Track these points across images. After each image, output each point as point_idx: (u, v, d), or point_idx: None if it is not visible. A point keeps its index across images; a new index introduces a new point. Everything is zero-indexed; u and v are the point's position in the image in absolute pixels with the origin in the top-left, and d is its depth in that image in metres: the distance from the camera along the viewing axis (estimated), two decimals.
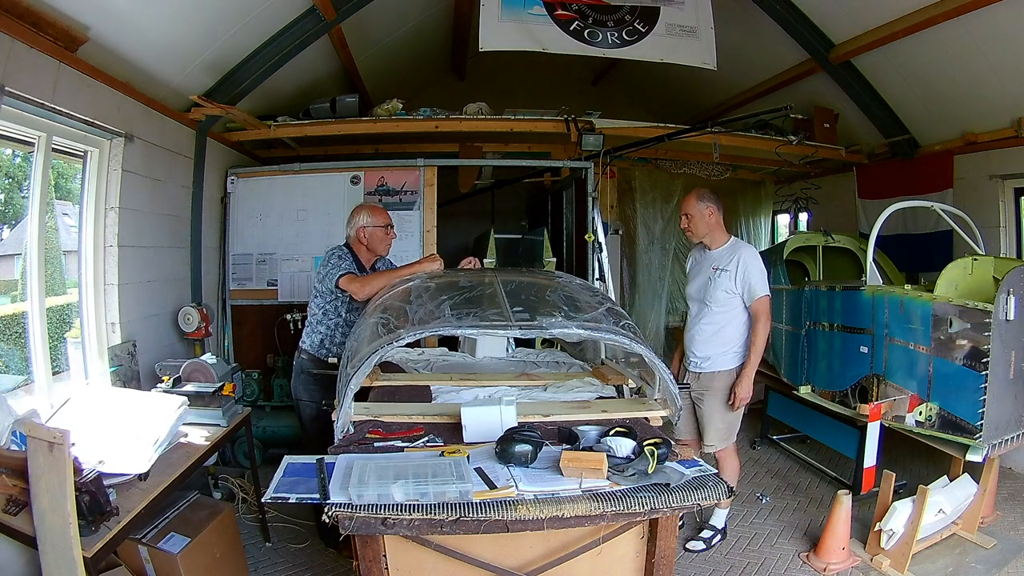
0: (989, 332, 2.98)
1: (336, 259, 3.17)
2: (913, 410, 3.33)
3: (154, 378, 3.59)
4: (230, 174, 4.94)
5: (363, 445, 2.18)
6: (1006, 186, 4.55)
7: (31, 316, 2.95)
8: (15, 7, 2.54)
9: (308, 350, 3.26)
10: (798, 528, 3.60)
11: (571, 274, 4.22)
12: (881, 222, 3.77)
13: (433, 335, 2.92)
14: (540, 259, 5.32)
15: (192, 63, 3.88)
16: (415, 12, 5.68)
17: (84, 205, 3.44)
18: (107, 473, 2.17)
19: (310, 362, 3.24)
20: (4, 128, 2.78)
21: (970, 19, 3.80)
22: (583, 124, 4.89)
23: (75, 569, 1.90)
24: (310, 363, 3.24)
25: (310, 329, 3.28)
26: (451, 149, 5.80)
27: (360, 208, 3.34)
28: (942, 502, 3.12)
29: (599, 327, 2.33)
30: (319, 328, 3.25)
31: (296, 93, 5.13)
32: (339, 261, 3.16)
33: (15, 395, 2.85)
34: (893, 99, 5.05)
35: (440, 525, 1.73)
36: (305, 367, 3.24)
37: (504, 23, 4.41)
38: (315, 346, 3.24)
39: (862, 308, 3.75)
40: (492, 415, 2.24)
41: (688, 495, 1.85)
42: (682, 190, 6.98)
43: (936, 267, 3.64)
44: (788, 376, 4.43)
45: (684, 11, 4.65)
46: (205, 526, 2.72)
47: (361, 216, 3.28)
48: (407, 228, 4.96)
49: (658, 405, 2.57)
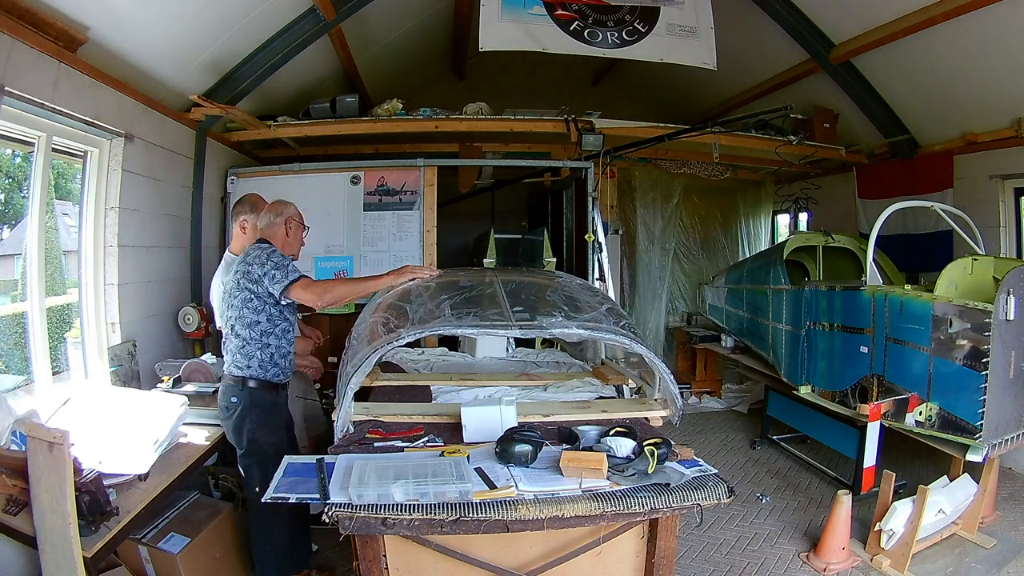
0: (989, 332, 2.98)
1: (278, 258, 2.62)
2: (913, 410, 3.33)
3: (154, 378, 3.59)
4: (230, 174, 4.94)
5: (363, 445, 2.19)
6: (1006, 186, 4.55)
7: (31, 316, 2.95)
8: (15, 7, 2.54)
9: (257, 376, 2.63)
10: (798, 528, 3.60)
11: (571, 274, 4.22)
12: (881, 222, 3.77)
13: (433, 335, 2.92)
14: (540, 259, 5.32)
15: (192, 63, 3.88)
16: (415, 12, 5.68)
17: (84, 205, 3.45)
18: (107, 473, 2.18)
19: (263, 390, 2.65)
20: (4, 128, 2.78)
21: (970, 19, 3.80)
22: (583, 124, 4.89)
23: (75, 569, 1.90)
24: (263, 391, 2.65)
25: (247, 348, 2.62)
26: (451, 149, 5.80)
27: (277, 201, 2.86)
28: (942, 502, 3.12)
29: (599, 327, 2.33)
30: (265, 342, 2.64)
31: (296, 93, 5.13)
32: (282, 260, 2.63)
33: (15, 395, 2.85)
34: (893, 99, 5.05)
35: (440, 525, 1.73)
36: (258, 400, 2.64)
37: (504, 23, 4.41)
38: (264, 366, 2.64)
39: (862, 308, 3.75)
40: (492, 415, 2.24)
41: (688, 495, 1.86)
42: (682, 190, 7.00)
43: (936, 267, 3.64)
44: (788, 376, 4.43)
45: (684, 11, 4.65)
46: (205, 526, 2.73)
47: (288, 208, 2.83)
48: (407, 228, 4.96)
49: (658, 405, 2.57)
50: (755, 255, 5.95)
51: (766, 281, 4.76)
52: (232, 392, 2.65)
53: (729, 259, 7.39)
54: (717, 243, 7.67)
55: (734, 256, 7.47)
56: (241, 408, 2.63)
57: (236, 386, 2.64)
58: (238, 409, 2.63)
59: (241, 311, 2.63)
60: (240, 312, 2.63)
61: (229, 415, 2.65)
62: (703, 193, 7.43)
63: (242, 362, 2.63)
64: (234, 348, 2.65)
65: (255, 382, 2.64)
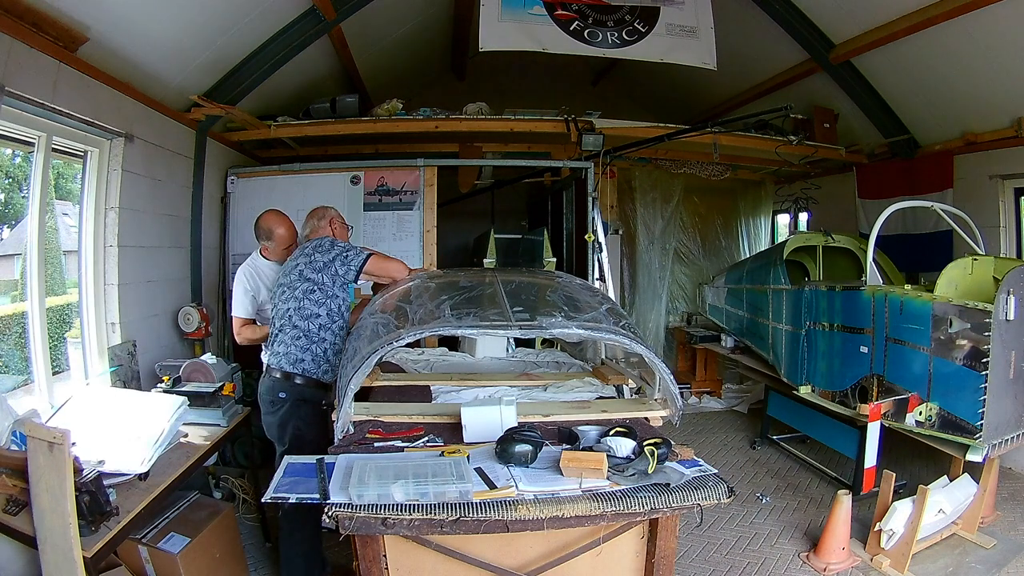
0: (989, 332, 2.98)
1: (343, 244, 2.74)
2: (913, 410, 3.33)
3: (154, 378, 3.59)
4: (230, 174, 4.94)
5: (363, 445, 2.18)
6: (1006, 186, 4.55)
7: (31, 316, 2.95)
8: (15, 7, 2.54)
9: (308, 372, 2.61)
10: (798, 528, 3.60)
11: (571, 274, 4.22)
12: (881, 222, 3.77)
13: (433, 335, 2.91)
14: (540, 259, 5.32)
15: (192, 63, 3.88)
16: (415, 12, 5.68)
17: (84, 205, 3.44)
18: (107, 473, 2.18)
19: (312, 387, 2.63)
20: (4, 128, 2.78)
21: (970, 19, 3.80)
22: (583, 124, 4.89)
23: (75, 569, 1.90)
24: (312, 388, 2.63)
25: (303, 341, 2.61)
26: (451, 149, 5.81)
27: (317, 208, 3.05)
28: (942, 502, 3.12)
29: (599, 327, 2.33)
30: (322, 336, 2.62)
31: (296, 93, 5.13)
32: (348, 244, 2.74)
33: (15, 395, 2.85)
34: (893, 99, 5.05)
35: (440, 525, 1.73)
36: (308, 396, 2.62)
37: (504, 23, 4.42)
38: (317, 360, 2.62)
39: (862, 308, 3.75)
40: (492, 415, 2.24)
41: (688, 495, 1.85)
42: (682, 190, 7.00)
43: (936, 267, 3.64)
44: (788, 376, 4.43)
45: (684, 11, 4.66)
46: (205, 526, 2.73)
47: (329, 211, 3.03)
48: (407, 228, 4.96)
49: (658, 405, 2.57)
50: (755, 255, 5.95)
51: (766, 281, 4.76)
52: (280, 387, 2.62)
53: (729, 259, 7.39)
54: (717, 243, 7.67)
55: (734, 256, 7.47)
56: (289, 404, 2.62)
57: (285, 381, 2.62)
58: (286, 405, 2.62)
59: (302, 302, 2.62)
60: (300, 304, 2.62)
61: (275, 410, 2.63)
62: (703, 193, 7.43)
63: (296, 354, 2.61)
64: (289, 339, 2.63)
65: (302, 379, 2.63)
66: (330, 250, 2.68)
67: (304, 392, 2.64)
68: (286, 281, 2.72)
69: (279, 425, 2.65)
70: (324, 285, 2.64)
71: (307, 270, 2.65)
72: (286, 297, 2.69)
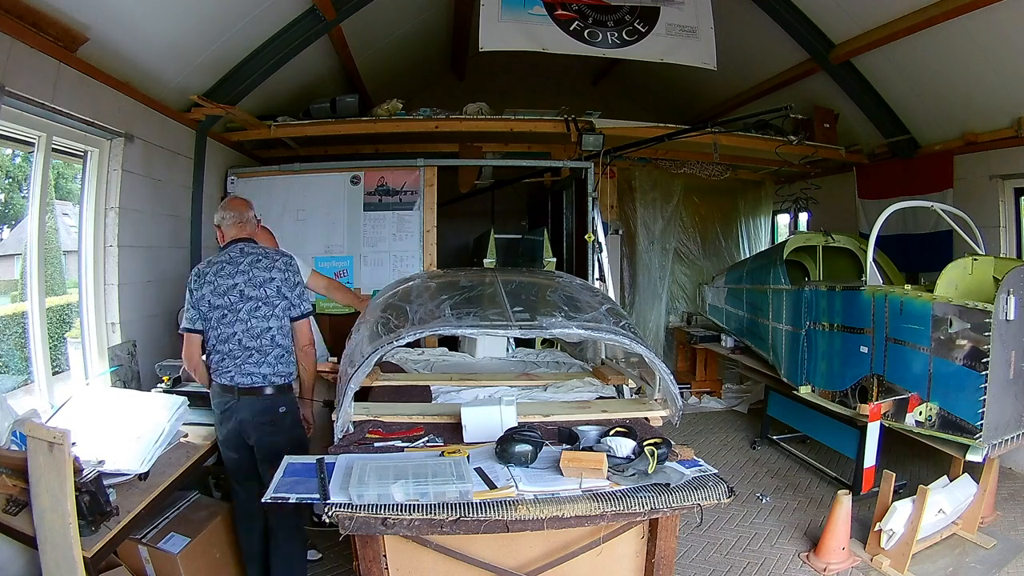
0: (989, 332, 2.98)
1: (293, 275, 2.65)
2: (913, 410, 3.33)
3: (154, 378, 3.58)
4: (230, 174, 4.93)
5: (363, 445, 2.19)
6: (1006, 186, 4.55)
7: (31, 316, 2.95)
8: (15, 7, 2.54)
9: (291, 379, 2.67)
10: (798, 528, 3.60)
11: (571, 274, 4.22)
12: (881, 222, 3.77)
13: (433, 335, 2.92)
14: (540, 259, 5.32)
15: (192, 63, 3.88)
16: (415, 12, 5.68)
17: (84, 205, 3.44)
18: (107, 473, 2.18)
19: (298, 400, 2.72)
20: (4, 128, 2.78)
21: (970, 19, 3.80)
22: (583, 124, 4.89)
23: (75, 569, 1.90)
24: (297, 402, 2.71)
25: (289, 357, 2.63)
26: (451, 149, 5.81)
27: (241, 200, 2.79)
28: (942, 502, 3.12)
29: (599, 327, 2.34)
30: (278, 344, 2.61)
31: (296, 93, 5.13)
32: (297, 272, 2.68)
33: (15, 395, 2.85)
34: (893, 99, 5.05)
35: (440, 525, 1.73)
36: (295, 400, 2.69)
37: (504, 23, 4.42)
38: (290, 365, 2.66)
39: (862, 308, 3.75)
40: (492, 415, 2.24)
41: (688, 495, 1.86)
42: (682, 190, 7.00)
43: (936, 267, 3.64)
44: (788, 376, 4.43)
45: (684, 11, 4.66)
46: (205, 526, 2.72)
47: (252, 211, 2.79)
48: (407, 228, 4.97)
49: (658, 405, 2.57)
50: (755, 255, 5.95)
51: (766, 281, 4.76)
52: (280, 402, 2.59)
53: (729, 259, 7.39)
54: (717, 243, 7.66)
55: (734, 256, 7.47)
56: (292, 415, 2.65)
57: (282, 395, 2.61)
58: (290, 417, 2.63)
59: (283, 320, 2.60)
60: (282, 322, 2.60)
61: (278, 426, 2.57)
62: (703, 193, 7.43)
63: (284, 371, 2.62)
64: (273, 359, 2.58)
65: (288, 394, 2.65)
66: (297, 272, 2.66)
67: (293, 403, 2.66)
68: (262, 295, 2.57)
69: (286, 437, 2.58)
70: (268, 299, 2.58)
71: (283, 287, 2.59)
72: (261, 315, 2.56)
